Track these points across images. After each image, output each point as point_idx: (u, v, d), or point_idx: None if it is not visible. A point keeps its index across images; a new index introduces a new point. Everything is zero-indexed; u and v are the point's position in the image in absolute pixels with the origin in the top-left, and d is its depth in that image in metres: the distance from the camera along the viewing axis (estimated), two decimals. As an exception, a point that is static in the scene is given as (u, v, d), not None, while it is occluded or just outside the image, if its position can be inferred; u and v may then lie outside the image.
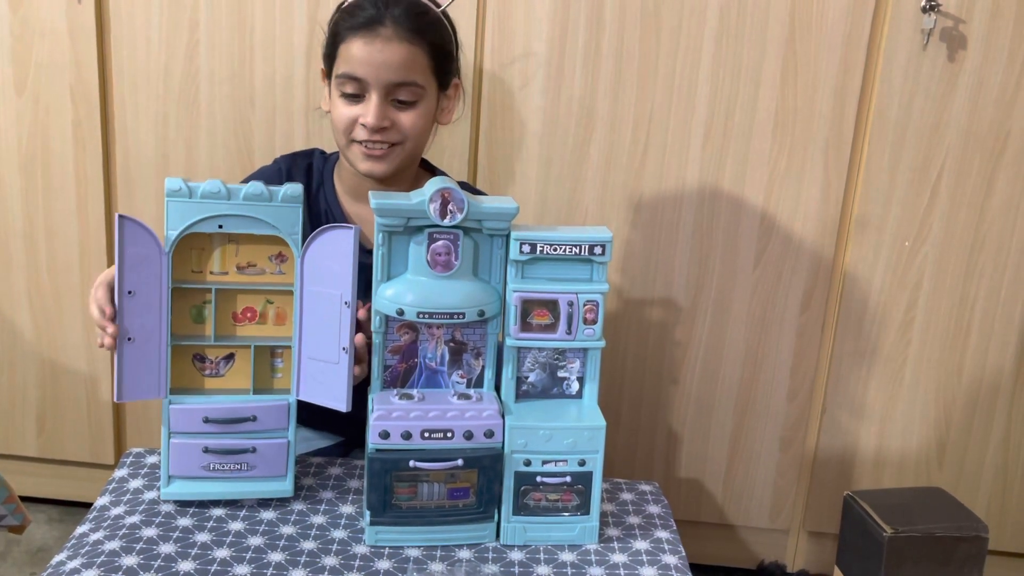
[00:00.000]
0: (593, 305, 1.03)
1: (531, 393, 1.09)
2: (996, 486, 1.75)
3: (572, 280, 1.04)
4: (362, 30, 1.21)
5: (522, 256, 1.02)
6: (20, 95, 1.69)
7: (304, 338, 1.06)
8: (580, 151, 1.64)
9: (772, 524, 1.82)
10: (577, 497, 1.07)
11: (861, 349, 1.70)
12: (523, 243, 1.02)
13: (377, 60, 1.20)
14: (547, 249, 1.02)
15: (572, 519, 1.07)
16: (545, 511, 1.07)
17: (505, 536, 1.07)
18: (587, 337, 1.05)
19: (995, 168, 1.60)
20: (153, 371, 1.05)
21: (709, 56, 1.58)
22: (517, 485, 1.06)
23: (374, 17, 1.21)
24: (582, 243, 1.02)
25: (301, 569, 1.00)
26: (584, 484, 1.06)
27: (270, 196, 1.04)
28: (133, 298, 1.02)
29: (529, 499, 1.06)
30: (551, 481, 1.05)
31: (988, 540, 1.16)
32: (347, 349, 1.03)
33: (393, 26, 1.20)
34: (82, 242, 1.75)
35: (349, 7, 1.25)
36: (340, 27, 1.24)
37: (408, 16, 1.22)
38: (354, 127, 1.23)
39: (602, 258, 1.03)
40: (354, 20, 1.22)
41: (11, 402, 1.85)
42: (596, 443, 1.05)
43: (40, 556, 1.81)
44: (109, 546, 1.01)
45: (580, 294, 1.03)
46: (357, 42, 1.21)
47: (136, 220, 1.02)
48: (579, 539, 1.08)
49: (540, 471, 1.05)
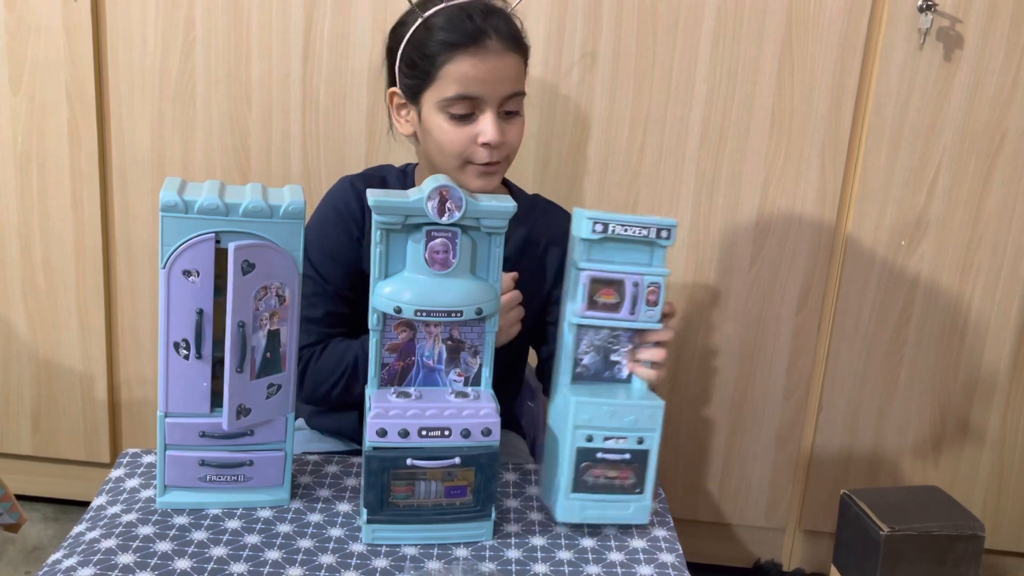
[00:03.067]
0: (655, 287, 1.06)
1: (584, 376, 1.11)
2: (992, 485, 1.76)
3: (634, 263, 1.06)
4: (468, 47, 1.14)
5: (593, 235, 1.03)
6: (15, 93, 1.68)
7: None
8: (577, 151, 1.64)
9: (768, 523, 1.82)
10: (633, 475, 1.09)
11: (857, 348, 1.70)
12: (596, 222, 1.03)
13: (491, 76, 1.15)
14: (618, 229, 1.04)
15: (627, 497, 1.09)
16: (602, 488, 1.09)
17: (563, 514, 1.08)
18: (648, 318, 1.07)
19: (991, 167, 1.60)
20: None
21: (706, 56, 1.59)
22: (578, 461, 1.07)
23: (478, 31, 1.14)
24: (651, 226, 1.04)
25: (298, 567, 0.99)
26: (641, 462, 1.08)
27: (271, 212, 1.02)
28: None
29: (588, 475, 1.08)
30: (611, 458, 1.07)
31: (984, 539, 1.16)
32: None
33: (498, 38, 1.15)
34: (77, 240, 1.75)
35: (442, 24, 1.15)
36: (434, 48, 1.15)
37: (508, 24, 1.17)
38: (470, 148, 1.17)
39: (666, 242, 1.05)
40: (453, 37, 1.14)
41: (6, 400, 1.85)
42: (655, 421, 1.07)
43: (35, 555, 1.80)
44: (105, 544, 1.00)
45: (645, 275, 1.05)
46: (465, 60, 1.14)
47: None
48: (632, 518, 1.10)
49: (601, 447, 1.07)
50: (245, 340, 1.01)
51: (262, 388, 1.05)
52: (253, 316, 1.01)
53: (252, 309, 1.01)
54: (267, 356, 1.04)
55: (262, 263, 1.01)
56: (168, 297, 1.01)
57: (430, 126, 1.19)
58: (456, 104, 1.16)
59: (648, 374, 1.09)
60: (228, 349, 1.00)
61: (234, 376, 1.01)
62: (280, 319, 1.05)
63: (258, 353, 1.03)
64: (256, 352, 1.03)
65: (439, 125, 1.18)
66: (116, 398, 1.85)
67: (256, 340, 1.02)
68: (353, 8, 1.61)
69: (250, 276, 1.00)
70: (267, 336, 1.04)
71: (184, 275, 1.01)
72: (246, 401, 1.03)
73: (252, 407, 1.04)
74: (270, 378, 1.05)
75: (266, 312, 1.03)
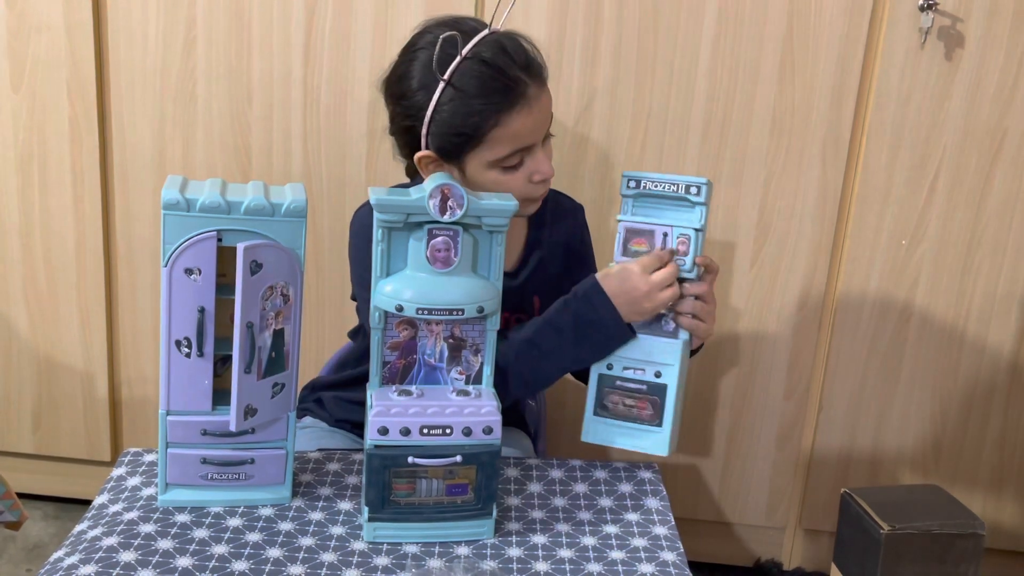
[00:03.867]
0: (685, 238, 1.13)
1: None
2: (992, 483, 1.76)
3: (671, 220, 1.15)
4: (513, 106, 1.12)
5: (629, 191, 1.15)
6: (16, 91, 1.69)
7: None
8: (578, 148, 1.64)
9: (769, 522, 1.82)
10: (651, 407, 1.15)
11: (858, 347, 1.70)
12: (630, 179, 1.15)
13: (539, 120, 1.16)
14: (649, 185, 1.14)
15: (646, 427, 1.16)
16: (622, 416, 1.17)
17: (586, 434, 1.18)
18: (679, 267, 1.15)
19: (992, 166, 1.60)
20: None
21: (707, 53, 1.59)
22: (600, 385, 1.17)
23: (518, 84, 1.13)
24: (679, 183, 1.13)
25: (299, 565, 1.00)
26: (659, 395, 1.15)
27: (272, 210, 1.02)
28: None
29: (608, 400, 1.17)
30: (630, 386, 1.16)
31: (985, 537, 1.16)
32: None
33: (532, 82, 1.14)
34: (78, 239, 1.75)
35: (477, 89, 1.12)
36: (476, 117, 1.12)
37: (533, 60, 1.16)
38: (525, 188, 1.17)
39: (697, 198, 1.12)
40: (495, 101, 1.12)
41: (7, 399, 1.85)
42: (673, 356, 1.14)
43: (36, 552, 1.81)
44: (107, 542, 1.01)
45: (674, 227, 1.14)
46: (515, 119, 1.13)
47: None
48: (651, 448, 1.16)
49: (619, 375, 1.16)
50: (253, 341, 1.01)
51: (267, 388, 1.05)
52: (260, 316, 1.01)
53: (260, 309, 1.01)
54: (272, 356, 1.04)
55: (268, 263, 1.01)
56: (170, 295, 1.01)
57: (479, 181, 1.17)
58: (511, 158, 1.15)
59: (691, 324, 1.14)
60: (236, 350, 1.00)
61: (242, 377, 1.01)
62: (284, 318, 1.05)
63: (264, 353, 1.03)
64: (262, 352, 1.03)
65: (492, 179, 1.16)
66: (117, 396, 1.85)
67: (262, 340, 1.03)
68: (354, 7, 1.61)
69: (258, 276, 1.00)
70: (272, 336, 1.04)
71: (186, 273, 1.01)
72: (253, 401, 1.04)
73: (259, 407, 1.04)
74: (275, 377, 1.05)
75: (272, 312, 1.03)
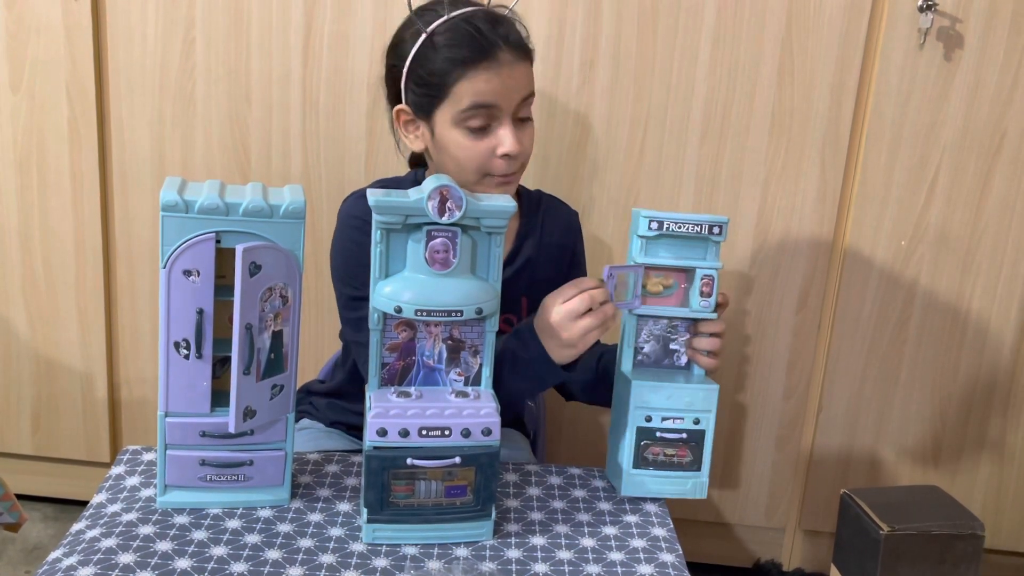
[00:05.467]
0: (708, 279, 1.14)
1: (645, 363, 1.19)
2: (992, 484, 1.76)
3: (688, 258, 1.14)
4: (480, 62, 1.13)
5: (650, 232, 1.12)
6: (15, 92, 1.68)
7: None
8: (577, 151, 1.64)
9: (768, 523, 1.82)
10: (691, 453, 1.16)
11: (857, 348, 1.70)
12: (652, 220, 1.11)
13: (505, 87, 1.15)
14: (672, 226, 1.11)
15: (685, 474, 1.17)
16: (662, 465, 1.17)
17: (626, 488, 1.17)
18: (702, 308, 1.15)
19: (991, 167, 1.60)
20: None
21: (706, 55, 1.59)
22: (638, 439, 1.16)
23: (489, 44, 1.13)
24: (703, 223, 1.12)
25: (298, 567, 1.00)
26: (697, 442, 1.16)
27: (271, 212, 1.02)
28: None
29: (648, 453, 1.16)
30: (669, 436, 1.16)
31: (984, 538, 1.16)
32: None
33: (508, 48, 1.14)
34: (77, 239, 1.75)
35: (449, 40, 1.14)
36: (444, 65, 1.14)
37: (515, 32, 1.17)
38: (489, 161, 1.17)
39: (718, 238, 1.13)
40: (463, 53, 1.13)
41: (6, 400, 1.85)
42: (710, 403, 1.15)
43: (36, 554, 1.81)
44: (105, 544, 1.00)
45: (698, 268, 1.13)
46: (479, 76, 1.13)
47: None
48: (692, 494, 1.18)
49: (659, 427, 1.15)
50: (252, 342, 1.01)
51: (266, 389, 1.05)
52: (259, 318, 1.01)
53: (258, 311, 1.01)
54: (271, 357, 1.04)
55: (267, 264, 1.01)
56: (168, 297, 1.01)
57: (445, 142, 1.18)
58: (473, 117, 1.15)
59: (706, 363, 1.17)
60: (235, 352, 1.00)
61: (241, 378, 1.01)
62: (283, 320, 1.05)
63: (263, 354, 1.03)
64: (261, 353, 1.03)
65: (456, 140, 1.17)
66: (116, 397, 1.85)
67: (261, 342, 1.02)
68: (353, 8, 1.61)
69: (256, 278, 1.00)
70: (271, 337, 1.04)
71: (184, 275, 1.01)
72: (252, 403, 1.03)
73: (258, 409, 1.04)
74: (273, 379, 1.05)
75: (271, 313, 1.03)
